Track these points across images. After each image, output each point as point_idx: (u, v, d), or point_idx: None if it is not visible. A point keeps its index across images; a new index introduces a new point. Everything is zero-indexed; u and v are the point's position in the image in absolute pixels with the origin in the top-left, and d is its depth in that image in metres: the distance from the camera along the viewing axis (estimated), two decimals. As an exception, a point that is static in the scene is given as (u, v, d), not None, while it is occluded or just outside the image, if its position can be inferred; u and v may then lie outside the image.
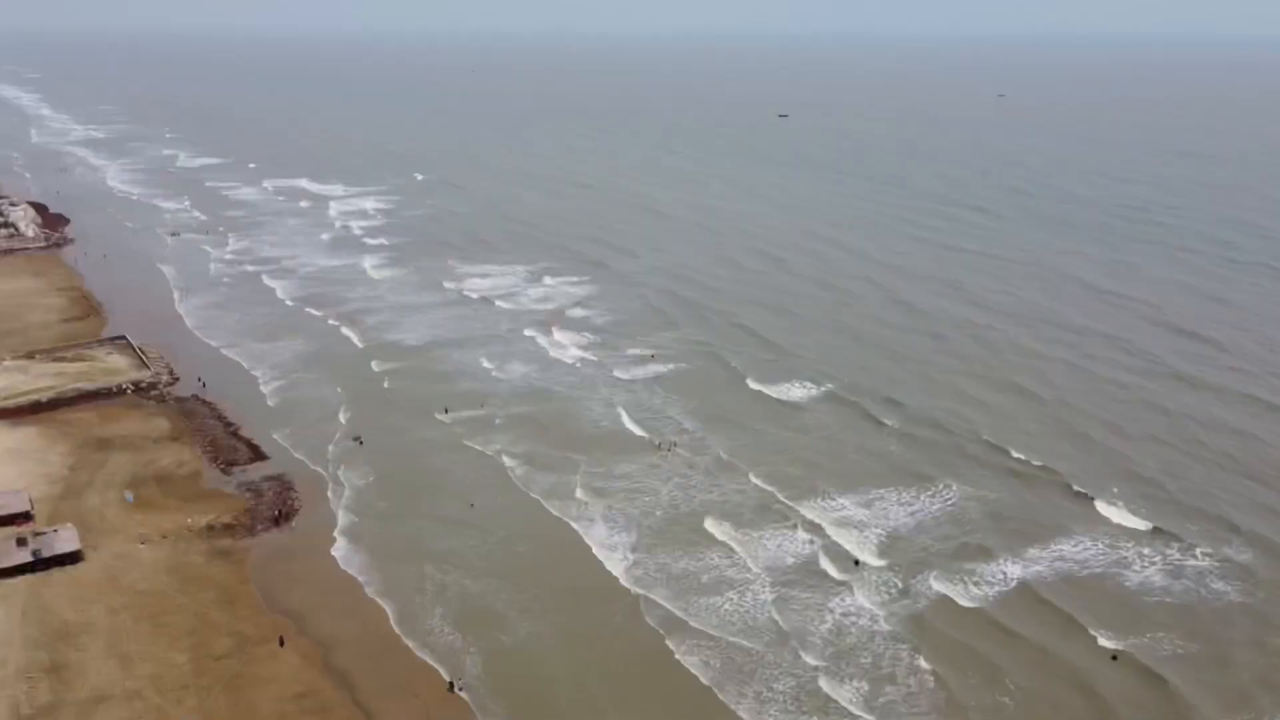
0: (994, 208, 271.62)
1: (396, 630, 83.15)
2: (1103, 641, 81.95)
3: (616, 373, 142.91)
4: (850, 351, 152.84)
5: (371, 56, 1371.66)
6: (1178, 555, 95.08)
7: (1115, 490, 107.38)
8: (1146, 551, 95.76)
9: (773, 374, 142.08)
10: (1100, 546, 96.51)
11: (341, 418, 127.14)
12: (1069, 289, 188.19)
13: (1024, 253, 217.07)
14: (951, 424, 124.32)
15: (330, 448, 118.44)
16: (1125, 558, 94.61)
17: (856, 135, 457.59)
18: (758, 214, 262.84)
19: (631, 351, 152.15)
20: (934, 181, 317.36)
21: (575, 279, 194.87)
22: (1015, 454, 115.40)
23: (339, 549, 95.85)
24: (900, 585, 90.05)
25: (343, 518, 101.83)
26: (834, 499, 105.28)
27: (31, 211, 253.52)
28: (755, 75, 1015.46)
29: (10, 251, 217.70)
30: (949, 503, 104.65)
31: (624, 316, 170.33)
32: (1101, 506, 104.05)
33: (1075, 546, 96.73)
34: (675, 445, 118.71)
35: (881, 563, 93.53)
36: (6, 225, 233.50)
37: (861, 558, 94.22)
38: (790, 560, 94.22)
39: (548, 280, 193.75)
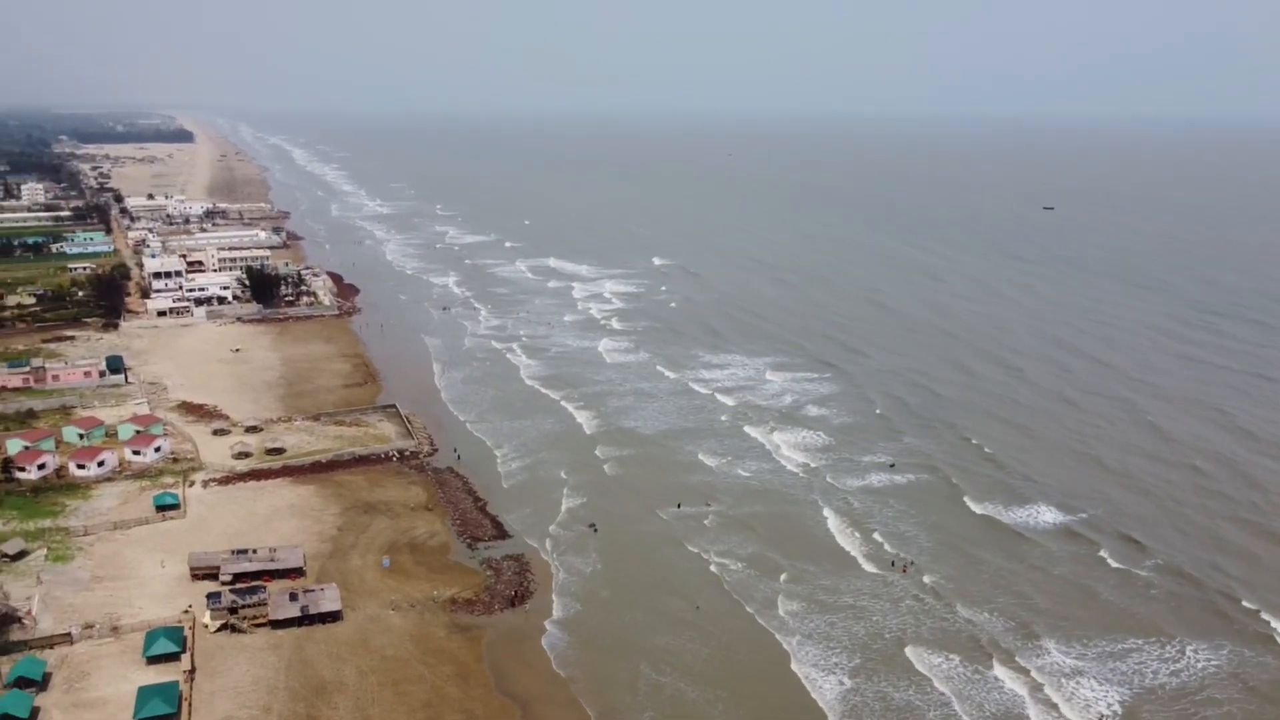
0: (1278, 322, 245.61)
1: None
2: None
3: (842, 481, 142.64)
4: (1092, 479, 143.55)
5: (638, 136, 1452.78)
6: None
7: None
8: None
9: (1005, 498, 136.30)
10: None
11: (575, 502, 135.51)
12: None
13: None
14: (1206, 577, 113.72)
15: (561, 531, 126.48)
16: None
17: (1127, 231, 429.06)
18: (998, 316, 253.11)
19: (858, 460, 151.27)
20: (1207, 289, 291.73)
21: (803, 376, 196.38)
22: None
23: (564, 636, 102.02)
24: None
25: (571, 605, 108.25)
26: (1067, 647, 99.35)
27: (329, 281, 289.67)
28: (1028, 160, 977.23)
29: (309, 318, 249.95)
30: (1199, 672, 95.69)
31: (850, 421, 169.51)
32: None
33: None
34: (908, 566, 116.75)
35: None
36: (309, 293, 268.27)
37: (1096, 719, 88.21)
38: (1018, 711, 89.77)
39: (774, 376, 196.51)
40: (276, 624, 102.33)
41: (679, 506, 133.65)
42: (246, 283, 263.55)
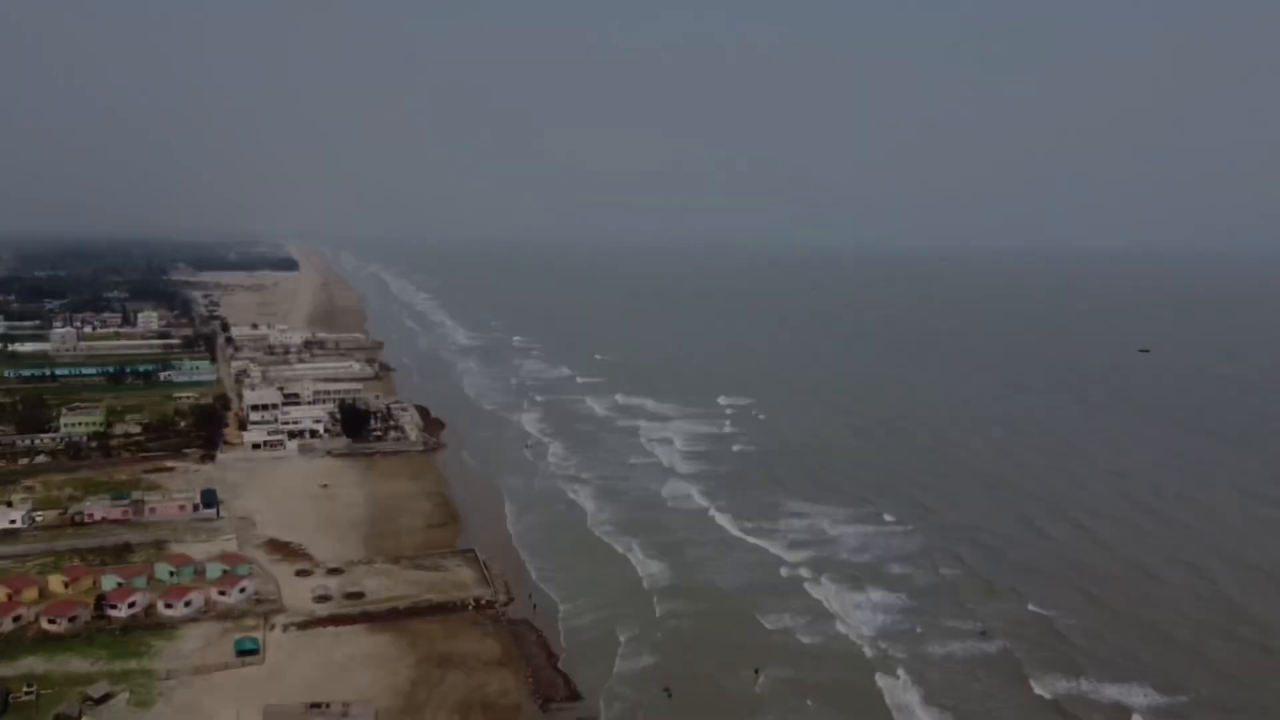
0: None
1: None
2: None
3: (909, 650, 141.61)
4: (1164, 659, 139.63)
5: (722, 268, 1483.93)
6: None
7: None
8: None
9: (1065, 675, 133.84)
10: None
11: (645, 662, 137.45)
12: None
13: None
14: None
15: (633, 693, 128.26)
16: None
17: (1223, 379, 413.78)
18: (1073, 471, 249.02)
19: (932, 626, 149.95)
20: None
21: (867, 531, 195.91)
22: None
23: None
24: None
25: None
26: None
27: (416, 415, 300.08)
28: (1129, 298, 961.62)
29: (396, 453, 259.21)
30: None
31: (916, 584, 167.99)
32: None
33: None
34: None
35: None
36: (397, 428, 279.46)
37: None
38: None
39: (835, 531, 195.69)
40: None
41: (756, 673, 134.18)
42: (338, 416, 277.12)
